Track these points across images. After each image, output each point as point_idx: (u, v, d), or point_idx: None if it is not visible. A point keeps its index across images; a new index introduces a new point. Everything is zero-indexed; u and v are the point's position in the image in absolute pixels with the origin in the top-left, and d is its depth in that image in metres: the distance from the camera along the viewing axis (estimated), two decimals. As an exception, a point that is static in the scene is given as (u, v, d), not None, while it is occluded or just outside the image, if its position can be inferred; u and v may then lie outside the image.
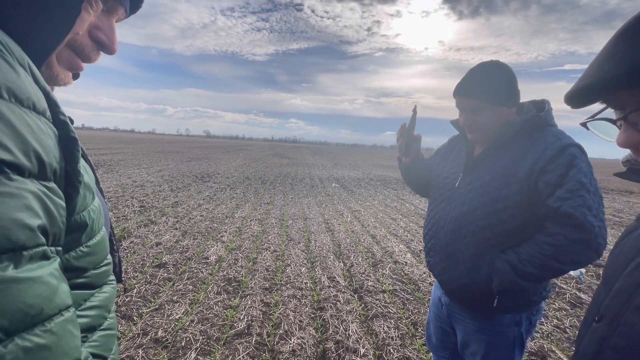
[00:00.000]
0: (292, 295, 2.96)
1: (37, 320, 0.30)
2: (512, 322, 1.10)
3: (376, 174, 15.57)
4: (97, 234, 0.51)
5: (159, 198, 6.82)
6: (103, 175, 9.48)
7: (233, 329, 2.39)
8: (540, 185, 0.97)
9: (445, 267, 1.17)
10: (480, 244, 1.07)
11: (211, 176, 11.12)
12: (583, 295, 3.25)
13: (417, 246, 4.62)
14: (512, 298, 1.06)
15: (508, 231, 1.03)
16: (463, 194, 1.13)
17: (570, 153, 0.96)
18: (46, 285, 0.32)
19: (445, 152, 1.37)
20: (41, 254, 0.33)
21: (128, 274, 3.16)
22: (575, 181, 0.93)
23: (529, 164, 1.00)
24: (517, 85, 1.09)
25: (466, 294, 1.13)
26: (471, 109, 1.10)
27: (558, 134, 1.03)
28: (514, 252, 1.01)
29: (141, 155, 18.11)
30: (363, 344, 2.30)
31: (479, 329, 1.15)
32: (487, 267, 1.05)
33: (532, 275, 0.97)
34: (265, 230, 4.99)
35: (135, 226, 4.70)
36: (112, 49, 0.54)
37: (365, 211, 6.90)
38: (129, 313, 2.50)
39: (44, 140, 0.35)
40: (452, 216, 1.14)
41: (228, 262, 3.61)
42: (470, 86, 1.08)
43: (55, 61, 0.48)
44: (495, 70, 1.06)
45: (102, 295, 0.52)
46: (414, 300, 2.99)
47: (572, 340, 2.49)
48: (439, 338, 1.36)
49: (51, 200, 0.35)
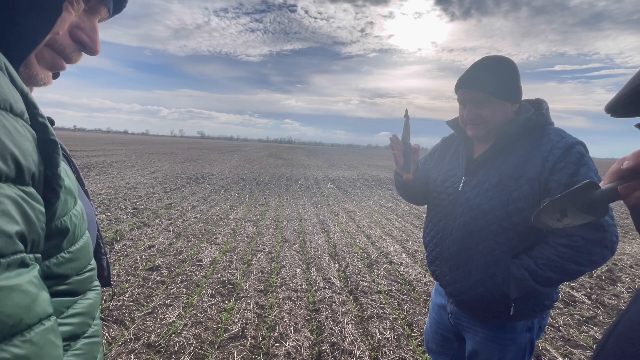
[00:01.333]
0: (287, 297, 2.93)
1: (16, 331, 0.29)
2: (524, 328, 1.07)
3: (371, 175, 15.61)
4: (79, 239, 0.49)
5: (152, 200, 6.75)
6: (95, 178, 9.36)
7: (227, 333, 2.37)
8: (552, 185, 0.94)
9: (456, 277, 1.11)
10: (494, 250, 1.02)
11: (205, 177, 11.04)
12: (576, 294, 3.27)
13: (412, 246, 4.63)
14: (527, 304, 1.02)
15: (520, 234, 0.99)
16: (470, 198, 1.08)
17: (577, 151, 0.95)
18: (25, 294, 0.31)
19: (440, 154, 1.31)
20: (19, 262, 0.32)
21: (120, 277, 3.11)
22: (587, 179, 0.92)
23: (538, 164, 0.97)
24: (520, 82, 1.07)
25: (481, 305, 1.07)
26: (475, 102, 1.06)
27: (560, 132, 1.01)
28: (529, 257, 0.98)
29: (134, 157, 17.93)
30: (359, 346, 2.29)
31: (490, 337, 1.10)
32: (503, 274, 1.00)
33: (550, 280, 0.94)
34: (260, 232, 4.96)
35: (128, 229, 4.63)
36: (94, 50, 0.52)
37: (360, 212, 6.90)
38: (120, 317, 2.46)
39: (21, 143, 0.34)
40: (461, 222, 1.08)
41: (222, 265, 3.58)
42: (475, 78, 1.05)
43: (34, 61, 0.47)
44: (501, 64, 1.04)
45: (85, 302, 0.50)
46: (410, 301, 2.98)
47: (566, 339, 2.50)
48: (439, 344, 1.32)
49: (30, 205, 0.34)
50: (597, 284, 3.55)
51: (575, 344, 2.44)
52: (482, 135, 1.10)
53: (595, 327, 2.70)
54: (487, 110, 1.05)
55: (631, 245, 5.19)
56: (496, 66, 1.04)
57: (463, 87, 1.08)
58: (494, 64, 1.04)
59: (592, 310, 2.97)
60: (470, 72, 1.06)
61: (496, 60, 1.04)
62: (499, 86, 1.03)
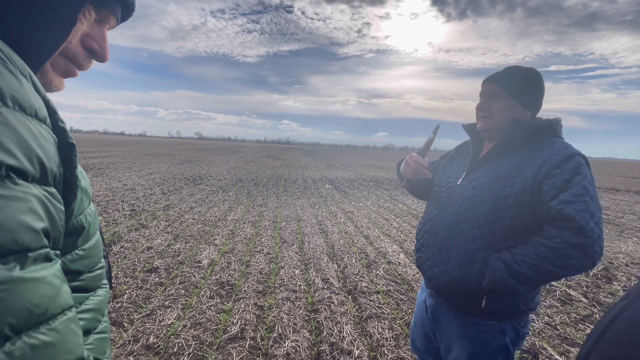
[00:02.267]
0: (286, 297, 2.94)
1: (42, 319, 0.32)
2: (496, 330, 1.08)
3: (369, 175, 15.64)
4: (92, 237, 0.52)
5: (150, 201, 6.73)
6: (92, 179, 9.32)
7: (226, 334, 2.37)
8: (545, 187, 0.97)
9: (436, 261, 1.16)
10: (477, 239, 1.06)
11: (203, 179, 11.02)
12: (573, 292, 3.30)
13: (410, 246, 4.64)
14: (500, 301, 1.04)
15: (505, 231, 1.03)
16: (465, 190, 1.13)
17: (576, 161, 0.97)
18: (50, 286, 0.34)
19: (451, 158, 1.36)
20: (44, 256, 0.34)
21: (119, 279, 3.11)
22: (581, 186, 0.93)
23: (535, 166, 1.00)
24: (542, 98, 1.13)
25: (454, 291, 1.11)
26: (490, 95, 1.13)
27: (565, 144, 1.04)
28: (509, 252, 1.01)
29: (131, 158, 17.86)
30: (357, 346, 2.30)
31: (462, 334, 1.13)
32: (480, 263, 1.04)
33: (525, 276, 0.96)
34: (259, 233, 4.96)
35: (125, 230, 4.62)
36: (104, 57, 0.55)
37: (358, 212, 6.91)
38: (119, 319, 2.46)
39: (45, 146, 0.37)
40: (452, 211, 1.13)
41: (221, 266, 3.58)
42: (499, 75, 1.11)
43: (50, 68, 0.49)
44: (528, 72, 1.11)
45: (96, 298, 0.53)
46: (408, 301, 3.00)
47: (563, 337, 2.52)
48: (423, 342, 1.35)
49: (52, 204, 0.37)
50: (594, 283, 3.58)
51: (572, 342, 2.46)
52: (488, 129, 1.15)
53: (592, 325, 2.72)
54: (498, 105, 1.11)
55: (627, 244, 5.24)
56: (523, 72, 1.11)
57: (487, 81, 1.15)
58: (522, 70, 1.12)
59: (588, 309, 3.00)
60: (501, 71, 1.13)
61: (526, 68, 1.12)
62: (516, 87, 1.09)
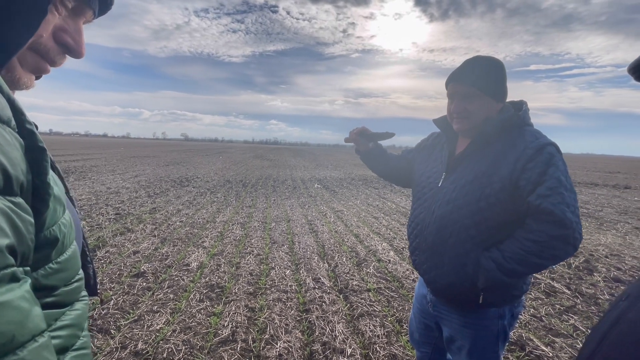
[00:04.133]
0: (277, 298, 2.92)
1: (8, 349, 0.28)
2: (495, 315, 1.13)
3: (357, 174, 15.72)
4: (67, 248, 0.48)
5: (135, 204, 6.58)
6: (74, 183, 9.05)
7: (217, 337, 2.34)
8: (522, 183, 1.00)
9: (432, 265, 1.18)
10: (466, 242, 1.09)
11: (190, 180, 10.85)
12: (556, 285, 3.40)
13: (399, 244, 4.69)
14: (496, 294, 1.09)
15: (491, 228, 1.06)
16: (447, 193, 1.14)
17: (548, 152, 1.00)
18: (17, 310, 0.30)
19: (428, 150, 1.37)
20: (10, 276, 0.30)
21: (104, 285, 3.03)
22: (555, 179, 0.97)
23: (510, 162, 1.02)
24: (507, 84, 1.13)
25: (453, 292, 1.14)
26: (463, 96, 1.11)
27: (535, 133, 1.06)
28: (497, 250, 1.04)
29: (115, 161, 17.42)
30: (350, 344, 2.30)
31: (464, 323, 1.17)
32: (473, 265, 1.07)
33: (515, 272, 1.00)
34: (248, 234, 4.92)
35: (110, 235, 4.50)
36: (79, 53, 0.51)
37: (348, 211, 6.94)
38: (105, 326, 2.39)
39: (9, 152, 0.33)
40: (437, 215, 1.15)
41: (210, 268, 3.53)
42: (466, 73, 1.10)
43: (17, 64, 0.45)
44: (491, 63, 1.10)
45: (73, 313, 0.49)
46: (398, 298, 3.03)
47: (548, 328, 2.60)
48: (422, 333, 1.38)
49: (19, 216, 0.33)
50: (576, 274, 3.70)
51: (557, 333, 2.54)
52: (466, 129, 1.15)
53: (575, 315, 2.81)
54: (474, 105, 1.10)
55: (606, 236, 5.43)
56: (487, 65, 1.09)
57: (454, 81, 1.13)
58: (485, 63, 1.10)
59: (571, 300, 3.10)
60: (462, 68, 1.11)
61: (487, 59, 1.10)
62: (487, 83, 1.09)
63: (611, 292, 3.26)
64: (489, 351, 1.16)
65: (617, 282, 3.51)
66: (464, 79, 1.10)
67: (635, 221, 6.82)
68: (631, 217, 7.28)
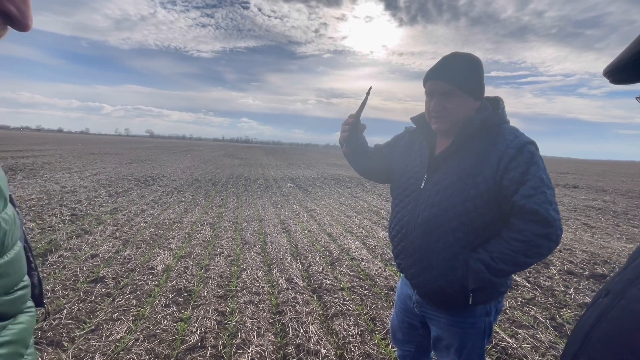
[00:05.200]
0: (249, 301, 2.83)
1: None
2: (482, 312, 1.14)
3: (330, 173, 15.79)
4: (9, 250, 0.40)
5: (94, 205, 6.13)
6: (23, 182, 8.27)
7: (185, 344, 2.21)
8: (505, 183, 1.01)
9: (419, 270, 1.16)
10: (454, 245, 1.08)
11: (156, 179, 10.32)
12: (518, 278, 3.59)
13: (372, 242, 4.75)
14: (485, 293, 1.09)
15: (477, 229, 1.06)
16: (431, 195, 1.12)
17: (528, 150, 1.01)
18: None
19: (405, 148, 1.32)
20: None
21: (56, 292, 2.76)
22: (537, 178, 0.99)
23: (493, 163, 1.02)
24: (484, 81, 1.11)
25: (442, 296, 1.13)
26: (442, 94, 1.08)
27: (514, 132, 1.07)
28: (485, 251, 1.04)
29: (72, 158, 16.18)
30: (324, 345, 2.27)
31: (452, 322, 1.17)
32: (462, 267, 1.07)
33: (504, 272, 1.02)
34: (218, 235, 4.74)
35: (65, 237, 4.15)
36: (25, 25, 0.43)
37: (321, 210, 6.93)
38: (57, 338, 2.18)
39: None
40: (423, 218, 1.13)
41: (177, 271, 3.35)
42: (445, 70, 1.07)
43: None
44: (470, 60, 1.07)
45: (16, 327, 0.42)
46: (371, 296, 3.05)
47: (512, 321, 2.73)
48: (406, 332, 1.37)
49: None
50: (534, 268, 3.94)
51: (519, 325, 2.67)
52: (445, 129, 1.12)
53: (535, 307, 2.98)
54: (453, 103, 1.08)
55: (560, 232, 5.86)
56: (465, 61, 1.07)
57: (432, 79, 1.10)
58: (464, 59, 1.07)
59: (531, 292, 3.29)
60: (441, 64, 1.08)
61: (466, 56, 1.08)
62: (466, 81, 1.07)
63: (565, 284, 3.50)
64: (477, 347, 1.17)
65: (570, 275, 3.78)
66: (443, 76, 1.07)
67: (583, 218, 7.42)
68: (580, 214, 7.92)
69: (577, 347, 0.48)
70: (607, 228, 6.51)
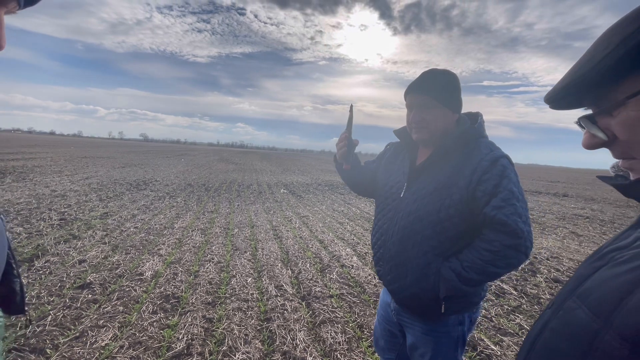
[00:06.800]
0: (237, 308, 2.83)
1: None
2: (456, 322, 1.17)
3: (324, 179, 15.82)
4: None
5: (84, 209, 6.07)
6: (11, 185, 8.15)
7: (171, 351, 2.20)
8: (478, 194, 1.05)
9: (395, 276, 1.20)
10: (427, 253, 1.11)
11: (148, 184, 10.25)
12: (505, 286, 3.64)
13: (362, 249, 4.77)
14: (457, 302, 1.13)
15: (451, 238, 1.10)
16: (409, 203, 1.16)
17: (501, 164, 1.06)
18: None
19: (390, 160, 1.38)
20: None
21: (41, 298, 2.73)
22: (508, 190, 1.03)
23: (467, 175, 1.07)
24: (461, 96, 1.18)
25: (416, 303, 1.17)
26: (421, 106, 1.15)
27: (490, 146, 1.13)
28: (457, 260, 1.07)
29: (63, 161, 15.99)
30: (310, 352, 2.28)
31: (426, 331, 1.20)
32: (434, 275, 1.10)
33: (473, 281, 1.05)
34: (209, 241, 4.73)
35: (52, 242, 4.10)
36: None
37: (313, 216, 6.94)
38: (40, 345, 2.15)
39: None
40: (400, 226, 1.17)
41: (166, 277, 3.33)
42: (423, 85, 1.14)
43: None
44: (446, 75, 1.15)
45: None
46: (360, 303, 3.06)
47: (497, 328, 2.76)
48: (387, 340, 1.40)
49: None
50: (522, 276, 4.00)
51: (505, 332, 2.71)
52: (425, 139, 1.18)
53: (521, 315, 3.02)
54: (431, 114, 1.15)
55: (547, 240, 5.94)
56: (442, 77, 1.14)
57: (412, 92, 1.17)
58: (441, 75, 1.15)
59: (517, 300, 3.33)
60: (419, 80, 1.15)
61: (442, 72, 1.16)
62: (443, 93, 1.13)
63: (551, 292, 3.55)
64: (450, 357, 1.20)
65: (556, 283, 3.84)
66: (421, 89, 1.14)
67: (571, 226, 7.55)
68: (568, 222, 8.05)
69: (523, 356, 0.51)
70: (594, 237, 6.62)
